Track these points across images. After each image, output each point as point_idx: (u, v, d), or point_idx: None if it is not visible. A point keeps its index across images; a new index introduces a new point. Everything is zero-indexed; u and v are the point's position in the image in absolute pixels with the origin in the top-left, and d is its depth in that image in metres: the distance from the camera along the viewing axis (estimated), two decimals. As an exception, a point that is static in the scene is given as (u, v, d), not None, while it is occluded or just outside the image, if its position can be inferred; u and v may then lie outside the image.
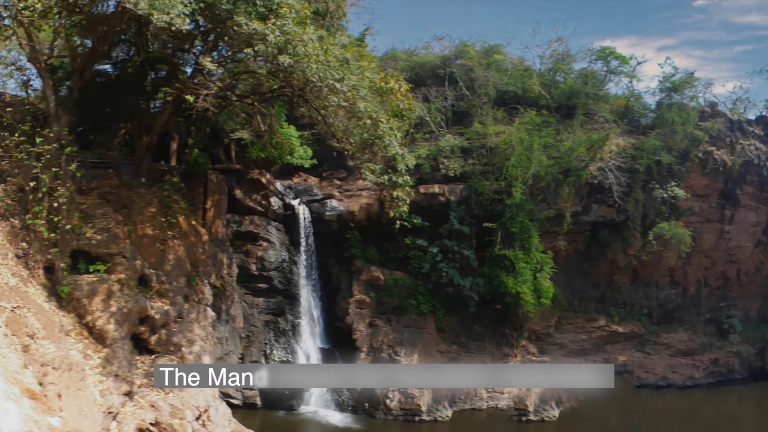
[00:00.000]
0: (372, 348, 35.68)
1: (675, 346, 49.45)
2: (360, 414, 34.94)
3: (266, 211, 34.65)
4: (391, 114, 33.04)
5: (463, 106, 43.11)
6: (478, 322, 40.38)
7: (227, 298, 31.07)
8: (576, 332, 44.39)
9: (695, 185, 50.25)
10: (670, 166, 47.18)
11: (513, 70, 45.19)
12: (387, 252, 38.99)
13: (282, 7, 26.05)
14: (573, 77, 47.02)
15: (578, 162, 42.40)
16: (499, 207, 39.71)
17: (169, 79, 29.26)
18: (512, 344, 41.05)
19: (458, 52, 44.05)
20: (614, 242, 46.41)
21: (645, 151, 45.69)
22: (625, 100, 48.92)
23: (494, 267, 39.55)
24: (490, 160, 40.29)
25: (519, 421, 38.25)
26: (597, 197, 44.77)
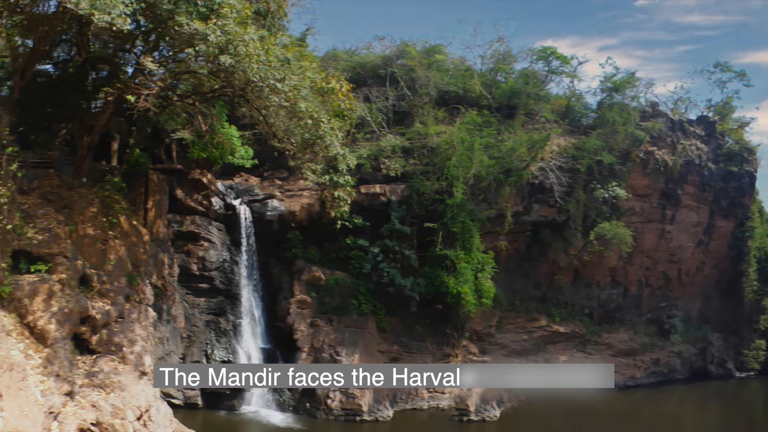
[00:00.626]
0: (313, 348, 40.09)
1: (616, 346, 55.81)
2: (301, 414, 39.09)
3: (207, 211, 38.46)
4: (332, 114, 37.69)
5: (405, 106, 48.02)
6: (420, 322, 45.26)
7: (168, 298, 34.90)
8: (517, 332, 50.05)
9: (636, 185, 56.72)
10: (611, 166, 53.31)
11: (454, 70, 50.54)
12: (328, 252, 43.46)
13: (223, 7, 30.08)
14: (514, 77, 52.77)
15: (519, 162, 47.94)
16: (441, 207, 44.70)
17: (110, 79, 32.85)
18: (453, 344, 46.21)
19: (399, 52, 49.05)
20: (555, 242, 52.29)
21: (586, 151, 51.64)
22: (566, 100, 55.03)
23: (435, 267, 44.49)
24: (432, 160, 45.27)
25: (460, 421, 42.69)
26: (538, 197, 50.48)
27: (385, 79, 47.96)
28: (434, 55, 49.93)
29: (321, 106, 36.43)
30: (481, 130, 47.14)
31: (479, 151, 45.82)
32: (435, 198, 44.64)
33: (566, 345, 52.59)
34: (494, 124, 48.61)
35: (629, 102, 56.04)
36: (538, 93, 52.35)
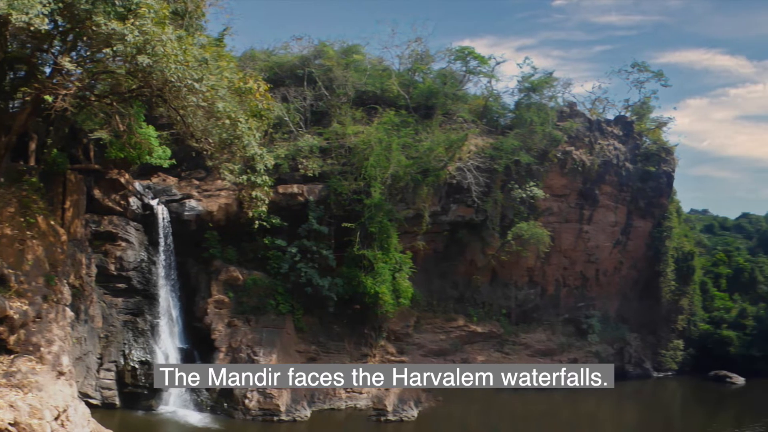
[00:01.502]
0: (231, 348, 46.01)
1: (534, 346, 64.14)
2: (219, 414, 44.73)
3: (125, 211, 43.55)
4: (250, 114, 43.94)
5: (322, 106, 54.51)
6: (337, 322, 51.83)
7: (86, 298, 40.08)
8: (435, 332, 57.54)
9: (554, 185, 65.13)
10: (528, 166, 61.39)
11: (372, 70, 57.52)
12: (246, 252, 49.47)
13: (141, 7, 35.68)
14: (432, 77, 60.25)
15: (437, 162, 55.26)
16: (358, 207, 51.35)
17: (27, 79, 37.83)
18: (371, 344, 53.06)
19: (317, 52, 55.63)
20: (473, 242, 60.05)
21: (504, 151, 59.53)
22: (484, 100, 62.98)
23: (353, 267, 51.14)
24: (349, 160, 51.89)
25: (378, 421, 48.95)
26: (456, 197, 57.99)
27: (303, 79, 54.42)
28: (352, 55, 56.79)
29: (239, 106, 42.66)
30: (398, 130, 54.18)
31: (397, 151, 52.79)
32: (353, 198, 51.28)
33: (484, 345, 60.43)
34: (412, 124, 55.78)
35: (547, 102, 64.44)
36: (455, 93, 59.99)
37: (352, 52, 57.43)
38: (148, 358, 43.04)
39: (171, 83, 36.14)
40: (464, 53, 61.43)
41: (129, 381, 42.59)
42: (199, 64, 37.79)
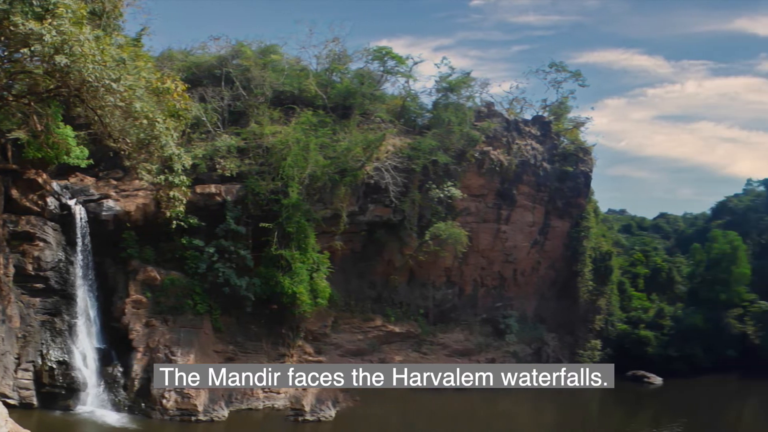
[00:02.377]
0: (148, 348, 51.05)
1: (452, 346, 71.09)
2: (137, 414, 49.62)
3: (43, 211, 48.03)
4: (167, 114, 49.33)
5: (240, 106, 60.01)
6: (255, 322, 57.46)
7: (3, 298, 44.52)
8: (352, 332, 63.78)
9: (472, 185, 72.22)
10: (446, 166, 68.23)
11: (289, 70, 63.40)
12: (164, 252, 54.57)
13: (58, 7, 40.62)
14: (349, 77, 66.59)
15: (354, 162, 61.39)
16: (276, 207, 56.96)
17: (-55, 80, 42.33)
18: (288, 344, 58.81)
19: (235, 52, 61.12)
20: (391, 242, 66.56)
21: (421, 151, 66.14)
22: (401, 100, 69.71)
23: (271, 267, 56.81)
24: (267, 160, 57.51)
25: (295, 421, 54.54)
26: (373, 197, 64.29)
27: (221, 79, 59.87)
28: (269, 55, 62.52)
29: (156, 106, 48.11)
30: (316, 130, 60.14)
31: (314, 151, 58.71)
32: (270, 198, 56.91)
33: (401, 345, 67.02)
34: (329, 124, 61.83)
35: (464, 102, 71.58)
36: (373, 93, 66.45)
37: (269, 52, 63.17)
38: (66, 358, 47.73)
39: (89, 83, 41.18)
40: (382, 53, 68.04)
41: (47, 381, 47.14)
42: (116, 64, 42.92)
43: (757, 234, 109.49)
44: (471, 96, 72.75)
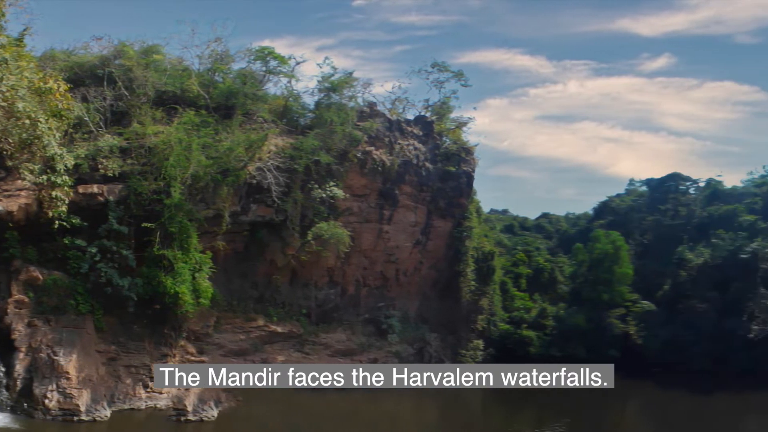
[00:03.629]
0: (31, 348, 56.75)
1: (334, 346, 78.94)
2: (19, 414, 54.81)
3: (-75, 211, 53.68)
4: (50, 114, 55.42)
5: (123, 106, 65.90)
6: (138, 322, 63.64)
7: None
8: (235, 332, 70.86)
9: (354, 185, 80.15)
10: (328, 166, 75.87)
11: (172, 70, 69.85)
12: (46, 252, 60.23)
13: None
14: (232, 77, 73.58)
15: (237, 162, 68.31)
16: (158, 207, 63.17)
17: None
18: (171, 344, 65.34)
19: (117, 52, 67.11)
20: (273, 242, 73.90)
21: (304, 151, 73.61)
22: (284, 100, 77.21)
23: (153, 267, 63.09)
24: (149, 160, 63.66)
25: (178, 421, 60.23)
26: (256, 197, 71.33)
27: (103, 79, 65.71)
28: (152, 55, 68.81)
29: (39, 107, 54.28)
30: (198, 130, 66.78)
31: (197, 151, 65.36)
32: (153, 198, 63.22)
33: (284, 345, 74.49)
34: (212, 124, 68.60)
35: (347, 102, 79.56)
36: (255, 93, 73.62)
37: (152, 52, 69.44)
38: (-59, 360, 53.18)
39: (-30, 83, 46.97)
40: (264, 53, 75.42)
41: (-73, 382, 52.49)
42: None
43: (639, 234, 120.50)
44: (353, 96, 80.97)
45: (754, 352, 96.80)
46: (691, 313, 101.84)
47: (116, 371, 61.54)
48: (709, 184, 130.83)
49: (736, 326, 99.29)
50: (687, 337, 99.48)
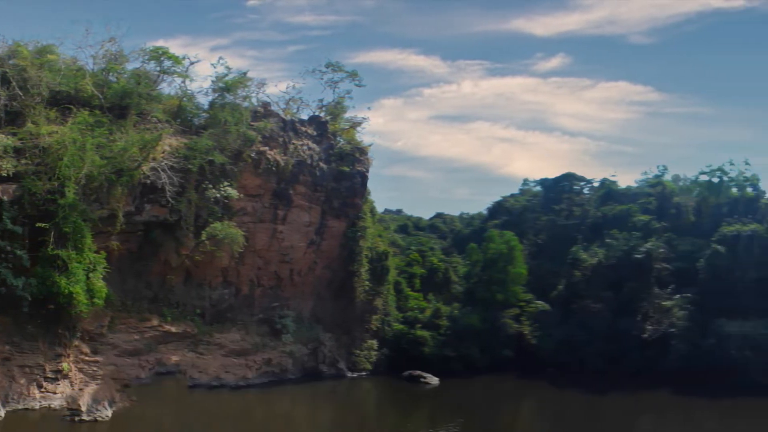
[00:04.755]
0: (-77, 348, 61.28)
1: (228, 346, 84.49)
2: None
3: None
4: (-59, 115, 59.43)
5: (17, 106, 69.67)
6: (32, 322, 67.72)
7: None
8: (129, 332, 75.77)
9: (248, 185, 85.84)
10: (223, 166, 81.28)
11: (66, 70, 74.06)
12: (-60, 252, 64.70)
13: None
14: (126, 77, 78.37)
15: (131, 162, 73.09)
16: (53, 207, 67.22)
17: None
18: (65, 344, 69.78)
19: (11, 52, 71.08)
20: (167, 242, 78.91)
21: (198, 151, 78.73)
22: (178, 100, 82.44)
23: (47, 267, 67.20)
24: (44, 160, 67.71)
25: (72, 421, 64.49)
26: (150, 197, 76.20)
27: (-3, 78, 70.19)
28: (46, 55, 72.93)
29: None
30: (93, 130, 71.24)
31: (91, 151, 69.91)
32: (47, 198, 67.48)
33: (178, 345, 79.76)
34: (106, 124, 73.20)
35: (241, 102, 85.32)
36: (150, 93, 78.60)
37: (46, 52, 73.57)
38: None
39: None
40: (158, 53, 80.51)
41: None
42: None
43: (533, 234, 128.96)
44: (247, 96, 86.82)
45: (647, 351, 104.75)
46: (585, 313, 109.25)
47: (10, 371, 65.67)
48: (603, 184, 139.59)
49: (629, 326, 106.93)
50: (581, 337, 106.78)
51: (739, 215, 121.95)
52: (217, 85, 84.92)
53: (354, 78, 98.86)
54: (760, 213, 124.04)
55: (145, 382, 76.59)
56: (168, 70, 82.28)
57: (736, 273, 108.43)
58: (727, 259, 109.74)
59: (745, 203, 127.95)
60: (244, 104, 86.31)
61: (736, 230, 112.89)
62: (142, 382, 76.24)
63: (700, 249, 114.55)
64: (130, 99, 77.08)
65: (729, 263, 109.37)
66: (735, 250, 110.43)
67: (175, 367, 79.48)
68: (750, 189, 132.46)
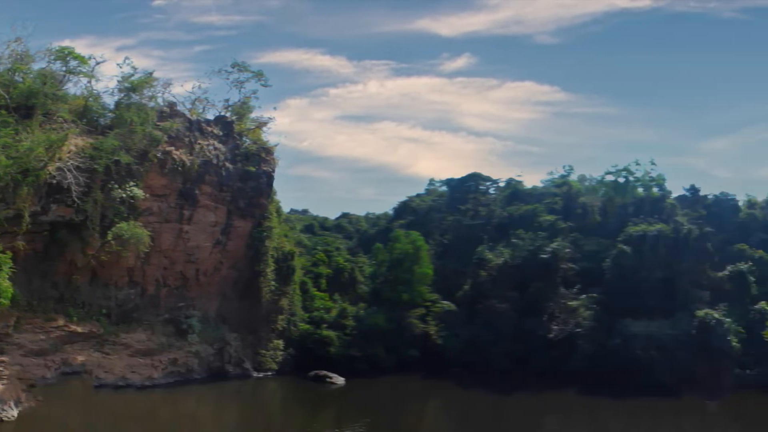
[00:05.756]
0: None
1: (134, 346, 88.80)
2: None
3: None
4: None
5: None
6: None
7: None
8: (35, 332, 79.70)
9: (154, 185, 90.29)
10: (129, 166, 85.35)
11: (-27, 71, 78.32)
12: None
13: None
14: (32, 77, 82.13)
15: (37, 162, 76.83)
16: (-42, 207, 72.23)
17: None
18: (-31, 344, 74.18)
19: None
20: (73, 242, 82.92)
21: (104, 151, 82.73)
22: (84, 100, 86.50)
23: (-47, 267, 71.94)
24: (-52, 160, 72.46)
25: None
26: (56, 197, 79.90)
27: None
28: (-50, 57, 77.21)
29: None
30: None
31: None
32: (-47, 199, 71.94)
33: (84, 345, 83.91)
34: (12, 124, 76.86)
35: (147, 102, 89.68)
36: (56, 93, 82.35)
37: (-50, 54, 77.83)
38: None
39: None
40: (64, 53, 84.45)
41: None
42: None
43: (439, 234, 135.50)
44: (153, 96, 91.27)
45: (553, 351, 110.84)
46: (491, 313, 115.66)
47: None
48: (509, 184, 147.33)
49: (535, 326, 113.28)
50: (487, 337, 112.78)
51: (644, 215, 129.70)
52: (123, 85, 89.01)
53: (260, 78, 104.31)
54: (666, 213, 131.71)
55: (51, 382, 79.73)
56: (74, 70, 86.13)
57: (642, 273, 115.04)
58: (632, 259, 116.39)
59: (651, 203, 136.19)
60: (150, 104, 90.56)
61: (641, 230, 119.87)
62: (48, 382, 79.34)
63: (606, 249, 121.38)
64: (36, 99, 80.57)
65: (635, 263, 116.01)
66: (641, 250, 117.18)
67: (80, 367, 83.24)
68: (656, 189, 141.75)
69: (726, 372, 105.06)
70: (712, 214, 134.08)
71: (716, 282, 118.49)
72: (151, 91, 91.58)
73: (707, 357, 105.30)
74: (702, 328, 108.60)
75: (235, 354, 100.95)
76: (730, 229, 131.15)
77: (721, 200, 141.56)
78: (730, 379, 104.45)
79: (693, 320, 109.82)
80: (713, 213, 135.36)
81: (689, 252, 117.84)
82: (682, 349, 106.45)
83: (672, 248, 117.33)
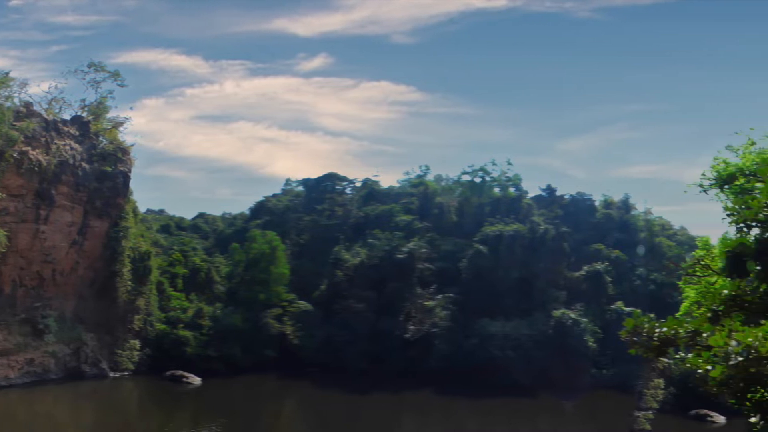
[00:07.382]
0: None
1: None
2: None
3: None
4: None
5: None
6: None
7: None
8: None
9: (11, 185, 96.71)
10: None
11: None
12: None
13: None
14: None
15: None
16: None
17: None
18: None
19: None
20: None
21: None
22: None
23: None
24: None
25: None
26: None
27: None
28: None
29: None
30: None
31: None
32: None
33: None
34: None
35: (3, 102, 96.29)
36: None
37: None
38: None
39: None
40: None
41: None
42: None
43: (296, 234, 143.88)
44: (9, 96, 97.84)
45: (410, 351, 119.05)
46: (348, 313, 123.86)
47: None
48: (366, 184, 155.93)
49: (392, 326, 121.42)
50: (344, 337, 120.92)
51: (501, 215, 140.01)
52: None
53: (116, 78, 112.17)
54: (523, 213, 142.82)
55: None
56: None
57: (499, 273, 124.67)
58: (489, 259, 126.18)
59: (508, 203, 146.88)
60: (6, 104, 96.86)
61: (498, 230, 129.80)
62: None
63: (463, 249, 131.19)
64: None
65: (491, 263, 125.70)
66: (497, 250, 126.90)
67: None
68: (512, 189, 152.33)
69: (582, 372, 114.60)
70: (569, 214, 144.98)
71: (573, 282, 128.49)
72: (8, 91, 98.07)
73: (564, 357, 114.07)
74: (558, 328, 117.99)
75: (92, 354, 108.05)
76: (586, 228, 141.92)
77: (577, 200, 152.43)
78: (586, 379, 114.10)
79: (550, 320, 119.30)
80: (570, 213, 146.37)
81: (546, 252, 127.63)
82: (539, 349, 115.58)
83: (528, 248, 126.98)
